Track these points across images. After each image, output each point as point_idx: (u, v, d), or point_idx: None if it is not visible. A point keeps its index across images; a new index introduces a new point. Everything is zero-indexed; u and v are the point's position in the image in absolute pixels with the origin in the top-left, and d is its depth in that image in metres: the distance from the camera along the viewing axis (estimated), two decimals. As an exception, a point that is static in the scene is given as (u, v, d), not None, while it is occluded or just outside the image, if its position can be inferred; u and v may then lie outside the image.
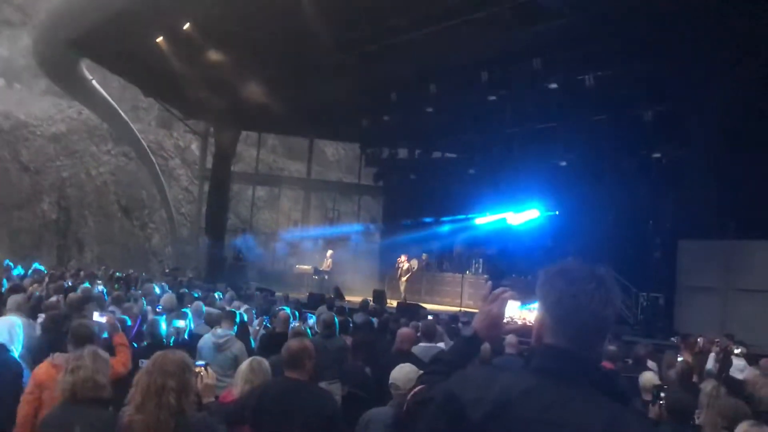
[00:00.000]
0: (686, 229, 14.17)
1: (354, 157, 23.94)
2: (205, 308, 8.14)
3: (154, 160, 24.41)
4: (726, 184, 13.58)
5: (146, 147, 24.22)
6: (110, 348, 4.81)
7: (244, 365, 4.19)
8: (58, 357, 4.07)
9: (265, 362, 4.23)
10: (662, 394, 3.92)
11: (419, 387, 1.80)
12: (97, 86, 21.03)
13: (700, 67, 12.87)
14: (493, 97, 15.10)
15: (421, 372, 2.26)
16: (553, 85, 14.22)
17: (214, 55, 15.59)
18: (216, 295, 10.59)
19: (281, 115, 17.67)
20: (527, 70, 14.08)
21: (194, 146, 26.55)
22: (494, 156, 17.52)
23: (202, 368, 3.36)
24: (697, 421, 4.18)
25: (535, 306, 1.70)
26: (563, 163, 16.22)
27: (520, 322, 1.99)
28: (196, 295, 10.39)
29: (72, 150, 26.61)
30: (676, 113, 14.16)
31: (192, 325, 7.04)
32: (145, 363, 3.02)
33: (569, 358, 1.58)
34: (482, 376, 1.66)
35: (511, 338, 6.68)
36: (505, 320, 1.98)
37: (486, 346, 5.38)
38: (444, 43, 13.33)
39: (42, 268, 13.68)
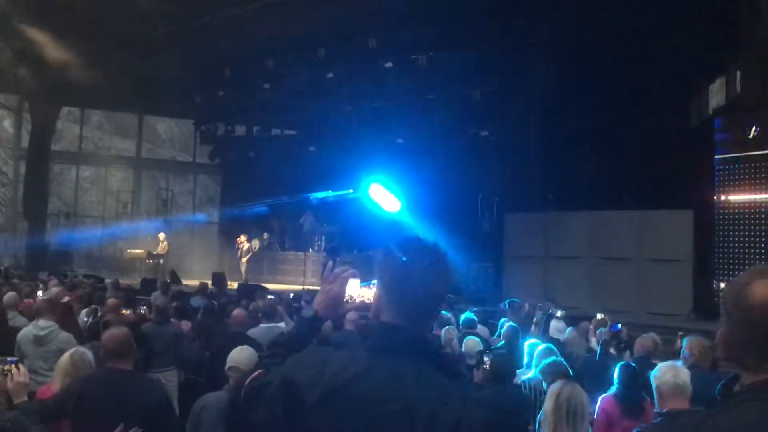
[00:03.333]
0: (512, 203, 15.14)
1: (189, 134, 22.92)
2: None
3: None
4: (546, 159, 14.68)
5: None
6: None
7: (65, 357, 3.89)
8: None
9: (88, 354, 3.94)
10: (485, 359, 4.13)
11: (257, 372, 1.74)
12: None
13: (524, 49, 13.71)
14: (330, 75, 15.13)
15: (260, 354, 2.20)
16: (389, 64, 14.49)
17: (29, 26, 14.25)
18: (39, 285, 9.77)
19: (106, 90, 16.49)
20: (363, 48, 14.24)
21: (7, 123, 24.15)
22: (333, 133, 17.57)
23: (12, 365, 3.05)
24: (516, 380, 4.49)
25: (375, 284, 1.70)
26: (400, 141, 16.63)
27: (359, 300, 1.98)
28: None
29: None
30: (502, 93, 15.00)
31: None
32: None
33: (402, 334, 1.60)
34: (317, 358, 1.64)
35: (350, 314, 6.77)
36: (345, 299, 1.97)
37: (327, 325, 5.40)
38: (279, 18, 13.10)
39: None
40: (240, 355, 3.94)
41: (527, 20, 13.20)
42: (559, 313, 8.62)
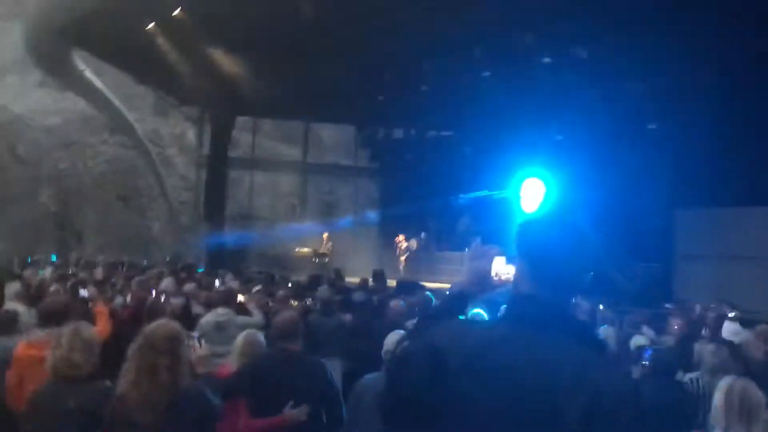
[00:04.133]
0: (683, 199, 14.23)
1: (350, 139, 23.90)
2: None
3: (150, 149, 24.39)
4: (721, 152, 13.62)
5: (141, 135, 24.18)
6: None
7: (240, 339, 4.26)
8: (34, 334, 4.22)
9: (260, 335, 4.30)
10: (647, 353, 3.97)
11: (403, 344, 1.84)
12: (91, 76, 20.96)
13: (695, 37, 12.84)
14: (486, 74, 15.06)
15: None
16: (547, 60, 14.18)
17: (205, 40, 15.55)
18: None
19: (276, 100, 17.62)
20: (520, 45, 14.03)
21: (190, 133, 26.52)
22: (489, 133, 17.48)
23: (195, 341, 3.41)
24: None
25: None
26: (559, 137, 16.21)
27: (506, 278, 2.01)
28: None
29: (68, 141, 26.58)
30: (670, 84, 14.14)
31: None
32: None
33: (541, 304, 1.61)
34: (458, 328, 1.72)
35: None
36: (492, 276, 2.01)
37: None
38: (434, 20, 13.25)
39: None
40: (392, 339, 4.09)
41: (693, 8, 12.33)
42: (732, 314, 8.00)
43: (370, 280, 13.61)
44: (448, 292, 2.10)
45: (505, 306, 1.74)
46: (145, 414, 2.83)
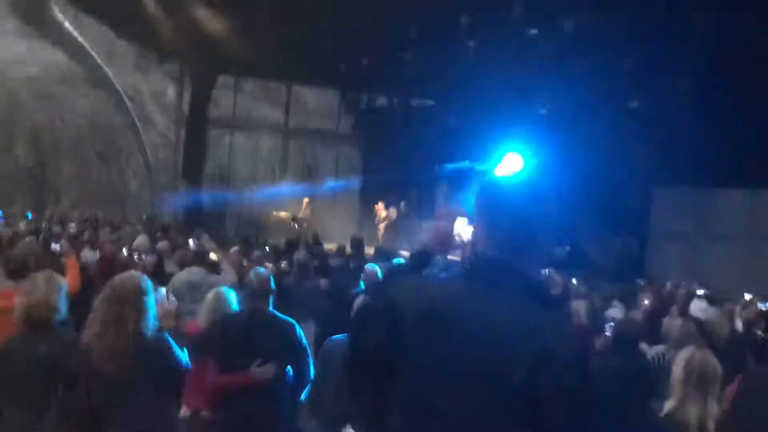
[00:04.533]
0: (661, 178, 14.37)
1: (333, 104, 23.67)
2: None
3: (129, 106, 24.02)
4: (702, 132, 13.71)
5: (121, 92, 23.79)
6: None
7: (210, 296, 4.27)
8: (2, 284, 4.21)
9: (231, 293, 4.31)
10: (608, 325, 4.04)
11: (363, 300, 1.88)
12: (71, 27, 20.50)
13: (680, 13, 12.82)
14: (471, 43, 14.97)
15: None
16: (533, 31, 14.11)
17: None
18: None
19: (258, 59, 17.38)
20: (507, 15, 13.94)
21: (171, 91, 26.10)
22: (472, 103, 17.43)
23: (163, 295, 3.42)
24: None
25: None
26: (543, 111, 16.23)
27: (468, 239, 2.04)
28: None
29: (45, 94, 26.04)
30: (653, 62, 14.15)
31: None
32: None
33: (497, 264, 1.62)
34: (417, 283, 1.76)
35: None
36: (454, 235, 2.04)
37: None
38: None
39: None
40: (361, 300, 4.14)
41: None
42: (701, 292, 8.16)
43: (348, 247, 13.67)
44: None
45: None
46: (110, 364, 2.85)
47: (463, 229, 2.02)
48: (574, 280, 9.08)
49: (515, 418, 1.46)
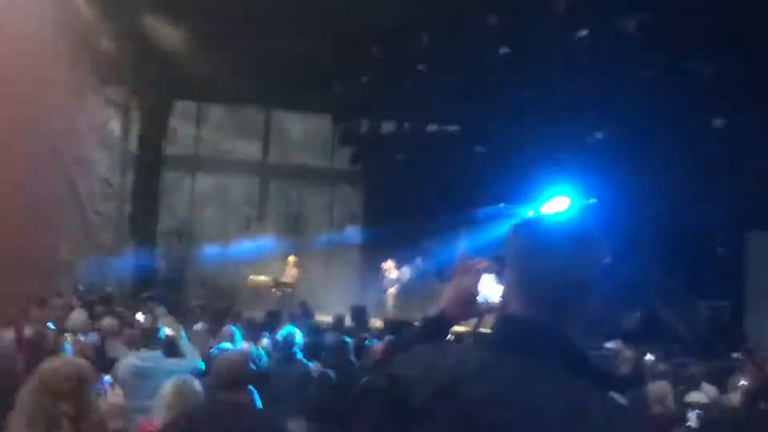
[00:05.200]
0: (757, 218, 14.36)
1: (326, 134, 23.87)
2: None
3: (61, 144, 24.26)
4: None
5: (51, 125, 24.05)
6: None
7: (168, 387, 4.23)
8: None
9: (196, 383, 4.27)
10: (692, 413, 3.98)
11: (365, 378, 1.87)
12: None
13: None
14: (504, 50, 15.16)
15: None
16: (583, 32, 14.30)
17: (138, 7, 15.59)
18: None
19: (226, 79, 17.59)
20: (548, 13, 14.16)
21: (114, 123, 26.42)
22: (506, 127, 17.56)
23: (107, 386, 3.38)
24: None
25: None
26: (598, 135, 16.32)
27: (496, 301, 2.00)
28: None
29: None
30: (741, 67, 14.30)
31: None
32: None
33: (532, 329, 1.63)
34: (429, 353, 1.75)
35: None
36: (478, 297, 2.01)
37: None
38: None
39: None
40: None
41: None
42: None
43: (347, 317, 13.63)
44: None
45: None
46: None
47: (491, 289, 1.99)
48: (649, 356, 9.07)
49: None
